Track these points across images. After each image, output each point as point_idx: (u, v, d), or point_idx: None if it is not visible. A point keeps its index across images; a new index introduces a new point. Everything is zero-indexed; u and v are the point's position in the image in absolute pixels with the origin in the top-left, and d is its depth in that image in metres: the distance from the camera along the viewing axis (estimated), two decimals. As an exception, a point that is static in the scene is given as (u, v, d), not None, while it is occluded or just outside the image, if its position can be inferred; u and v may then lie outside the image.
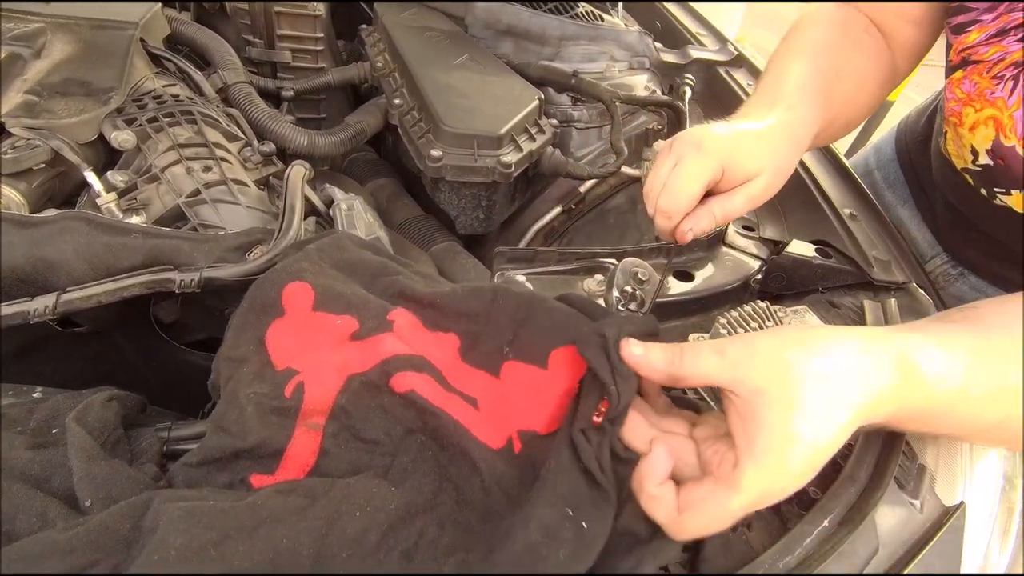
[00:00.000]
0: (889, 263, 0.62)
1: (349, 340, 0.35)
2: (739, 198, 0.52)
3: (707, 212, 0.52)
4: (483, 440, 0.33)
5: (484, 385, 0.35)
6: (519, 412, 0.34)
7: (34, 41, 0.60)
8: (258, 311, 0.36)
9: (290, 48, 0.82)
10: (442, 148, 0.67)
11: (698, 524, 0.30)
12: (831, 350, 0.32)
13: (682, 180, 0.50)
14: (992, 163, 0.57)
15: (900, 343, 0.34)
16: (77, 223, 0.47)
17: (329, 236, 0.43)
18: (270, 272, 0.39)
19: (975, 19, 0.54)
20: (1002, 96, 0.53)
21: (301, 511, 0.28)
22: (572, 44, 0.88)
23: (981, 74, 0.55)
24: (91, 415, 0.35)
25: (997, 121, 0.54)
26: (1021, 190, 0.55)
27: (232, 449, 0.31)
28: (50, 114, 0.52)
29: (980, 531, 0.44)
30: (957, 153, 0.62)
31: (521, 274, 0.57)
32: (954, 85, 0.59)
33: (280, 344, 0.35)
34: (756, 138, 0.53)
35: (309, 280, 0.37)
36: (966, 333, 0.37)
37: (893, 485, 0.41)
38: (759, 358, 0.31)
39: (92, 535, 0.26)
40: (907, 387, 0.33)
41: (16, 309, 0.44)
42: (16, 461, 0.34)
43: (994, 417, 0.36)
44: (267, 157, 0.61)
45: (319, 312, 0.36)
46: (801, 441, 0.30)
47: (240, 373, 0.33)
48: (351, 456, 0.33)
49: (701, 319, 0.61)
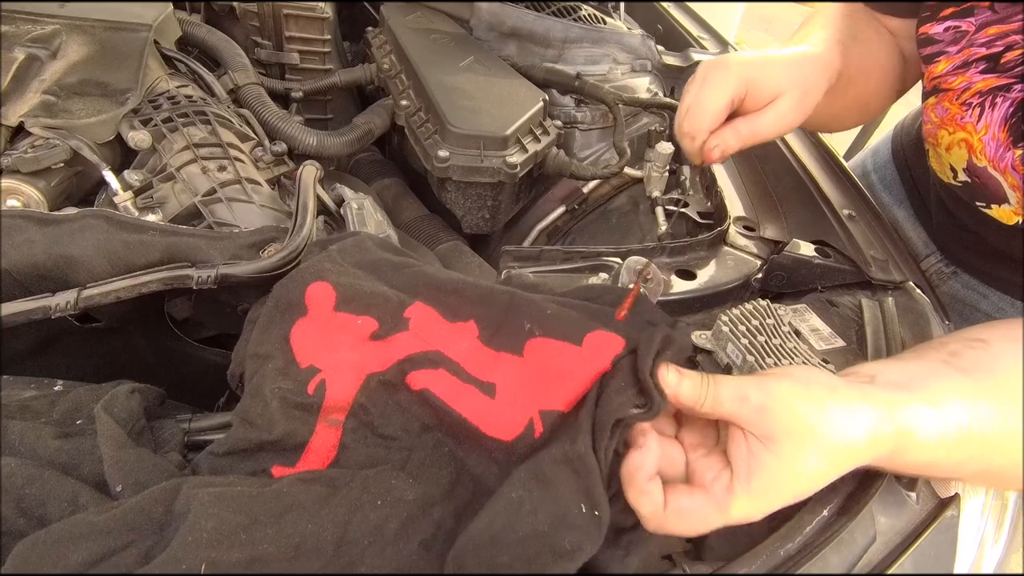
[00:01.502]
0: (887, 262, 0.63)
1: (369, 340, 0.37)
2: (767, 116, 0.53)
3: (732, 129, 0.53)
4: (495, 435, 0.34)
5: (505, 367, 0.35)
6: (543, 390, 0.34)
7: (50, 43, 0.61)
8: (283, 310, 0.38)
9: (298, 50, 0.84)
10: (449, 149, 0.69)
11: (679, 527, 0.33)
12: (839, 420, 0.34)
13: (704, 97, 0.51)
14: (970, 180, 0.59)
15: (902, 418, 0.35)
16: (97, 221, 0.48)
17: (351, 237, 0.45)
18: (294, 272, 0.40)
19: (941, 51, 0.57)
20: (971, 121, 0.56)
21: (323, 499, 0.30)
22: (575, 47, 0.90)
23: (951, 101, 0.58)
24: (117, 405, 0.36)
25: (968, 143, 0.57)
26: (1001, 205, 0.57)
27: (257, 441, 0.33)
28: (69, 114, 0.53)
29: (974, 522, 0.45)
30: (940, 169, 0.65)
31: (528, 272, 0.59)
32: (929, 109, 0.62)
33: (304, 342, 0.36)
34: (781, 60, 0.54)
35: (331, 280, 0.38)
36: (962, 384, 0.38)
37: (890, 478, 0.42)
38: (775, 409, 0.33)
39: (127, 517, 0.28)
40: (898, 453, 0.36)
41: (38, 304, 0.45)
42: (44, 450, 0.35)
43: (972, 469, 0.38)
44: (279, 157, 0.62)
45: (340, 312, 0.37)
46: (791, 491, 0.34)
47: (265, 369, 0.35)
48: (369, 451, 0.35)
49: (703, 316, 0.62)
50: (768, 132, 0.54)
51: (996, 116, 0.54)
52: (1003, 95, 0.53)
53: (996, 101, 0.53)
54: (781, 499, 0.34)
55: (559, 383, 0.34)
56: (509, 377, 0.35)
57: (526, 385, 0.34)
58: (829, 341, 0.58)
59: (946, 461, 0.37)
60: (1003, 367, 0.39)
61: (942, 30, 0.56)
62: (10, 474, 0.32)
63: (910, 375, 0.39)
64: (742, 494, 0.33)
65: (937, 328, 0.60)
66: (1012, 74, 0.53)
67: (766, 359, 0.50)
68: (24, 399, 0.42)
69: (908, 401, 0.36)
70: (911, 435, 0.35)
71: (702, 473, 0.35)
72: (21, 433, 0.36)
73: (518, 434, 0.33)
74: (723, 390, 0.34)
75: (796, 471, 0.33)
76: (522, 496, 0.29)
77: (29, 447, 0.36)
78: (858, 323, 0.59)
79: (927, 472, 0.40)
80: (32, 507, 0.31)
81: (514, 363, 0.35)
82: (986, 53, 0.54)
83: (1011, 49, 0.52)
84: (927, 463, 0.37)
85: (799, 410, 0.33)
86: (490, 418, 0.33)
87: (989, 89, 0.54)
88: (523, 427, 0.33)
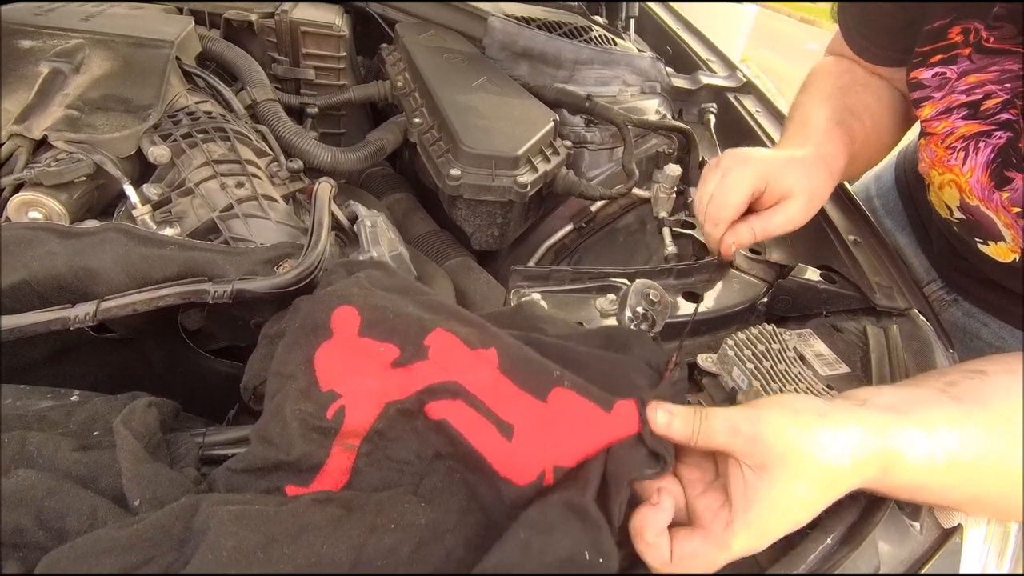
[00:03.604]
0: (891, 289, 0.64)
1: (390, 367, 0.37)
2: (778, 217, 0.57)
3: (747, 227, 0.57)
4: (507, 476, 0.34)
5: (526, 409, 0.35)
6: (561, 446, 0.34)
7: (74, 57, 0.62)
8: (308, 332, 0.38)
9: (314, 66, 0.86)
10: (461, 167, 0.70)
11: (688, 570, 0.34)
12: (828, 443, 0.35)
13: (729, 189, 0.55)
14: (965, 218, 0.61)
15: (890, 439, 0.36)
16: (117, 234, 0.49)
17: (378, 265, 0.46)
18: (322, 295, 0.41)
19: (928, 95, 0.59)
20: (956, 164, 0.58)
21: (338, 521, 0.30)
22: (586, 68, 0.91)
23: (937, 144, 0.60)
24: (135, 419, 0.37)
25: (958, 184, 0.59)
26: (998, 242, 0.58)
27: (275, 460, 0.33)
28: (92, 129, 0.54)
29: (976, 553, 0.45)
30: (938, 204, 0.66)
31: (536, 292, 0.60)
32: (922, 149, 0.64)
33: (327, 366, 0.37)
34: (795, 161, 0.58)
35: (357, 305, 0.38)
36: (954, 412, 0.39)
37: (893, 507, 0.43)
38: (767, 438, 0.34)
39: (148, 533, 0.28)
40: (888, 474, 0.36)
41: (58, 315, 0.46)
42: (63, 462, 0.36)
43: (963, 495, 0.39)
44: (295, 174, 0.63)
45: (364, 338, 0.37)
46: (789, 519, 0.35)
47: (288, 389, 0.35)
48: (382, 474, 0.35)
49: (709, 339, 0.63)
50: (778, 231, 0.58)
51: (979, 160, 0.56)
52: (984, 140, 0.55)
53: (979, 146, 0.55)
54: (780, 528, 0.35)
55: (579, 442, 0.34)
56: (529, 422, 0.35)
57: (545, 434, 0.34)
58: (834, 367, 0.58)
59: (936, 485, 0.38)
60: (998, 398, 0.40)
61: (930, 76, 0.58)
62: (30, 486, 0.33)
63: (902, 400, 0.39)
64: (741, 529, 0.33)
65: (941, 355, 0.61)
66: (992, 121, 0.55)
67: (771, 384, 0.50)
68: (41, 409, 0.43)
69: (898, 424, 0.37)
70: (899, 456, 0.36)
71: (702, 513, 0.36)
72: (40, 445, 0.37)
73: (530, 481, 0.33)
74: (715, 423, 0.35)
75: (791, 498, 0.34)
76: (530, 538, 0.30)
77: (48, 459, 0.36)
78: (863, 349, 0.60)
79: (918, 496, 0.40)
80: (51, 520, 0.32)
81: (536, 408, 0.35)
82: (966, 100, 0.56)
83: (989, 98, 0.54)
84: (917, 486, 0.38)
85: (789, 437, 0.34)
86: (505, 459, 0.34)
87: (972, 134, 0.56)
88: (535, 476, 0.33)
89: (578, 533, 0.30)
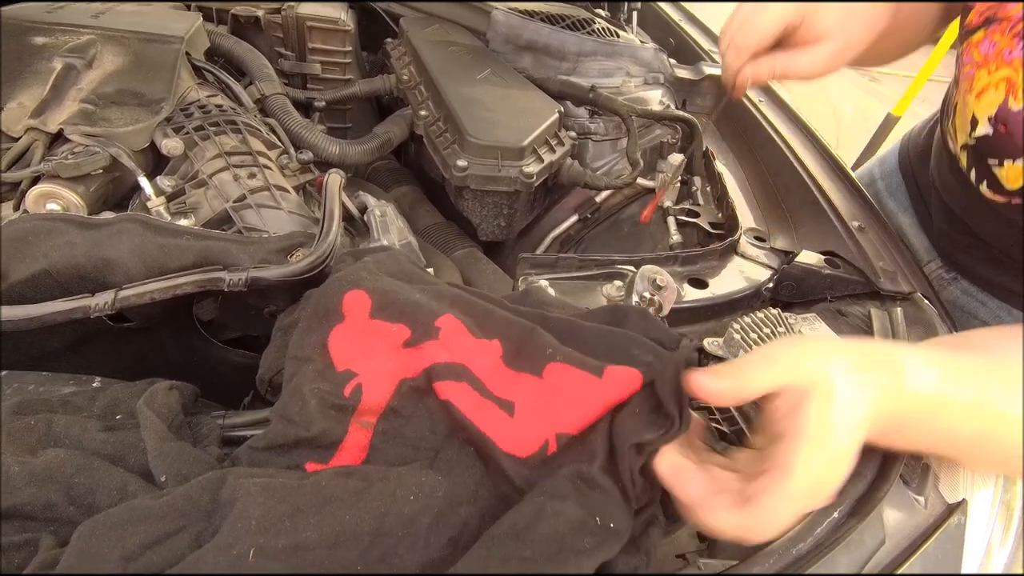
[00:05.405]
0: (895, 273, 0.65)
1: (401, 347, 0.38)
2: (803, 58, 0.54)
3: (769, 61, 0.54)
4: (511, 451, 0.35)
5: (525, 387, 0.37)
6: (560, 415, 0.35)
7: (86, 52, 0.63)
8: (321, 316, 0.39)
9: (320, 61, 0.86)
10: (467, 158, 0.71)
11: (764, 516, 0.32)
12: (852, 355, 0.36)
13: (762, 16, 0.53)
14: (991, 132, 0.58)
15: (900, 357, 0.38)
16: (134, 225, 0.50)
17: (384, 251, 0.47)
18: (331, 280, 0.41)
19: None
20: (1019, 56, 0.54)
21: (360, 493, 0.31)
22: (590, 60, 0.92)
23: (1003, 32, 0.56)
24: (158, 401, 0.38)
25: (1010, 82, 0.55)
26: (1015, 161, 0.56)
27: (295, 437, 0.34)
28: (107, 123, 0.55)
29: (981, 527, 0.46)
30: (959, 127, 0.63)
31: (544, 279, 0.60)
32: (972, 48, 0.60)
33: (341, 348, 0.38)
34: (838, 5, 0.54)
35: (367, 288, 0.39)
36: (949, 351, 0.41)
37: (899, 481, 0.44)
38: (804, 361, 0.35)
39: (178, 504, 0.29)
40: (903, 397, 0.37)
41: (79, 304, 0.47)
42: (90, 442, 0.37)
43: (970, 430, 0.39)
44: (305, 165, 0.64)
45: (376, 320, 0.39)
46: (839, 427, 0.34)
47: (305, 370, 0.36)
48: (397, 451, 0.36)
49: (715, 325, 0.64)
50: (801, 73, 0.54)
51: None
52: None
53: None
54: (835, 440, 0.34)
55: (576, 409, 0.35)
56: (528, 397, 0.36)
57: (544, 406, 0.36)
58: (839, 350, 0.59)
59: (945, 418, 0.38)
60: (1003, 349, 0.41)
61: None
62: (60, 464, 0.34)
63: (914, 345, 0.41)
64: (800, 446, 0.33)
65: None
66: None
67: (777, 366, 0.51)
68: (65, 395, 0.44)
69: (909, 352, 0.39)
70: (915, 371, 0.37)
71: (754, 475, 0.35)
72: (67, 426, 0.38)
73: (532, 452, 0.34)
74: (753, 365, 0.35)
75: (836, 408, 0.34)
76: (544, 502, 0.31)
77: (75, 439, 0.37)
78: (867, 332, 0.60)
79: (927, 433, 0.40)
80: (82, 495, 0.33)
81: (533, 383, 0.37)
82: None
83: None
84: (928, 415, 0.38)
85: (822, 357, 0.35)
86: (507, 435, 0.35)
87: None
88: (538, 446, 0.34)
89: (588, 500, 0.31)
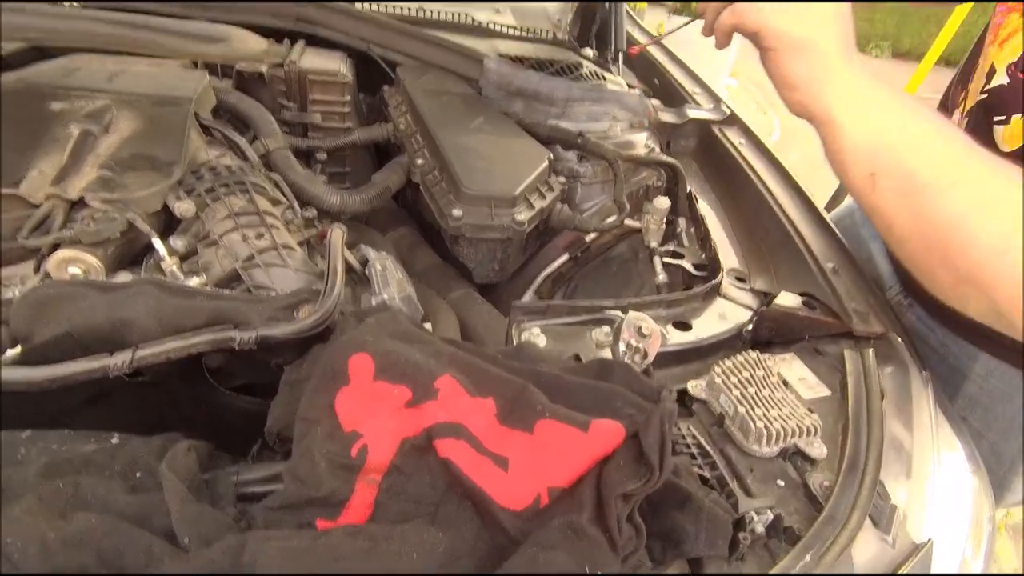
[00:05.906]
0: (867, 315, 0.69)
1: (403, 407, 0.42)
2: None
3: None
4: (506, 505, 0.38)
5: (518, 443, 0.40)
6: (551, 469, 0.38)
7: (102, 118, 0.67)
8: (328, 379, 0.43)
9: (320, 111, 0.91)
10: (462, 208, 0.75)
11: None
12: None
13: None
14: (1007, 83, 0.60)
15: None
16: (150, 287, 0.53)
17: (385, 311, 0.50)
18: (337, 344, 0.45)
19: None
20: None
21: (367, 552, 0.34)
22: (577, 105, 0.96)
23: None
24: (178, 463, 0.41)
25: None
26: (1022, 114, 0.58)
27: (306, 497, 0.37)
28: (124, 188, 0.59)
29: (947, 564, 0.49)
30: (973, 88, 0.66)
31: (536, 326, 0.64)
32: None
33: (347, 409, 0.41)
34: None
35: (370, 351, 0.43)
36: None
37: (868, 523, 0.47)
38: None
39: (203, 568, 0.32)
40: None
41: (100, 364, 0.50)
42: (115, 504, 0.40)
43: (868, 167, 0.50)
44: (308, 221, 0.68)
45: (379, 381, 0.42)
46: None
47: (314, 432, 0.40)
48: (400, 507, 0.39)
49: (699, 366, 0.67)
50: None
51: None
52: None
53: None
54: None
55: (565, 463, 0.39)
56: (520, 453, 0.40)
57: (536, 461, 0.39)
58: (815, 390, 0.62)
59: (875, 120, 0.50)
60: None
61: None
62: (90, 528, 0.37)
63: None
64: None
65: (915, 377, 0.65)
66: None
67: (756, 409, 0.55)
68: (87, 453, 0.47)
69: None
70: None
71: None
72: (92, 488, 0.41)
73: (527, 505, 0.38)
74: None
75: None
76: (536, 553, 0.34)
77: (101, 501, 0.40)
78: (842, 372, 0.64)
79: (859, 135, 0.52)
80: (112, 558, 0.36)
81: (525, 440, 0.40)
82: None
83: None
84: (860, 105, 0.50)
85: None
86: (503, 489, 0.38)
87: None
88: (531, 499, 0.38)
89: (578, 550, 0.35)
